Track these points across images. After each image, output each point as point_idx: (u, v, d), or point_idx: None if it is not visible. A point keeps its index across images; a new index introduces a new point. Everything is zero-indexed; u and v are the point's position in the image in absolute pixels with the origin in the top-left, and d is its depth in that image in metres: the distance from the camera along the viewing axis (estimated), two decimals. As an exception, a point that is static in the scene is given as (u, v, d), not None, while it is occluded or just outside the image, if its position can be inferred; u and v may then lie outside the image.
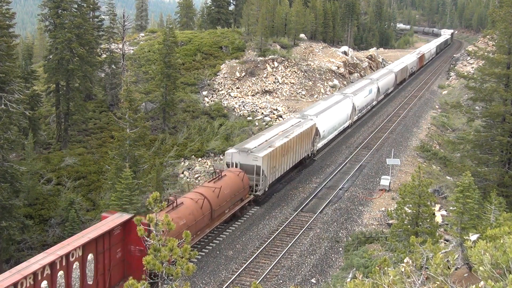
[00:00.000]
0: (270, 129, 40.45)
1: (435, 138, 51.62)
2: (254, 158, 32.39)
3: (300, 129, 38.94)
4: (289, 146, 36.54)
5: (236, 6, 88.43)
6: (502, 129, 32.76)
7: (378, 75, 66.74)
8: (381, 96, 64.67)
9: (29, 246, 32.84)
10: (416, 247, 13.08)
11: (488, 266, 8.99)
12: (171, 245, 10.55)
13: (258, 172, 32.69)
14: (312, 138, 41.37)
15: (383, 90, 64.39)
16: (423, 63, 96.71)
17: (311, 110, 45.45)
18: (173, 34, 51.41)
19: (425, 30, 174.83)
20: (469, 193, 19.27)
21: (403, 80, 78.65)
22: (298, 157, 38.93)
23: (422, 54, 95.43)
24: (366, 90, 56.56)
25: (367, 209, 33.80)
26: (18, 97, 31.87)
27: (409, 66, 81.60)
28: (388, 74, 68.12)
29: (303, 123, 41.11)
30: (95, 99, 52.84)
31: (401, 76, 75.70)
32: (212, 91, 58.78)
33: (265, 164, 32.78)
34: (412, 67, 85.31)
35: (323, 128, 43.55)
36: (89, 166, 40.83)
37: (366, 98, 56.57)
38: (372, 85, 59.58)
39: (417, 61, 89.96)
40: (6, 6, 33.39)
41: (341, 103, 49.13)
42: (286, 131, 38.30)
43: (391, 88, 69.79)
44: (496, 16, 34.95)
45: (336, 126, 47.57)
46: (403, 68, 77.14)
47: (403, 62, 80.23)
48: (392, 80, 69.31)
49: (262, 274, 25.31)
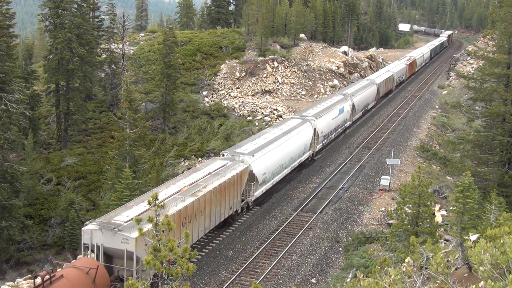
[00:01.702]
0: (175, 180, 27.78)
1: (435, 138, 51.61)
2: (124, 240, 20.82)
3: (222, 178, 27.50)
4: (198, 208, 25.01)
5: (236, 6, 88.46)
6: (502, 129, 32.75)
7: (355, 88, 55.53)
8: (358, 114, 54.33)
9: (29, 246, 32.85)
10: (416, 247, 13.08)
11: (488, 266, 8.99)
12: (171, 245, 10.56)
13: (131, 259, 20.88)
14: (242, 187, 29.92)
15: (360, 107, 54.12)
16: (414, 70, 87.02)
17: (247, 145, 33.30)
18: (173, 34, 51.46)
19: (426, 31, 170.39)
20: (469, 193, 19.28)
21: (389, 91, 69.16)
22: (218, 219, 27.71)
23: (412, 60, 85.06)
24: (335, 110, 45.53)
25: (367, 209, 33.80)
26: (18, 97, 31.90)
27: (396, 75, 71.47)
28: (369, 87, 57.67)
29: (230, 167, 29.30)
30: (95, 99, 52.85)
31: (385, 88, 65.84)
32: (212, 91, 58.80)
33: (141, 248, 20.23)
34: (400, 76, 75.13)
35: (262, 170, 31.90)
36: (89, 166, 40.84)
37: (336, 120, 45.81)
38: (345, 102, 48.78)
39: (407, 68, 79.65)
40: (6, 6, 33.42)
41: (297, 131, 37.87)
42: (197, 184, 26.46)
43: (372, 103, 59.62)
44: (496, 16, 34.97)
45: (287, 163, 35.93)
46: (388, 78, 66.75)
47: (388, 71, 69.77)
48: (373, 93, 59.10)
49: (262, 274, 25.30)
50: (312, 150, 41.15)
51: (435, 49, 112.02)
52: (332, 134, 45.88)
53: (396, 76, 71.20)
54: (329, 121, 44.08)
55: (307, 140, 39.54)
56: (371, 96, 58.37)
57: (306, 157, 40.00)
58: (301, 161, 38.93)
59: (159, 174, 38.79)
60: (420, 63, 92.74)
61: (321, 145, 42.92)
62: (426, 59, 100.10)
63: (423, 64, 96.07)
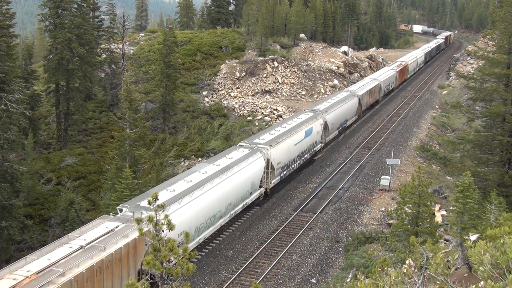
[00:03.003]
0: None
1: (435, 138, 51.62)
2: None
3: (102, 254, 19.01)
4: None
5: (236, 6, 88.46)
6: (502, 129, 32.74)
7: (330, 102, 47.37)
8: (333, 134, 46.54)
9: (29, 246, 32.81)
10: (416, 247, 13.08)
11: (488, 266, 8.99)
12: (171, 245, 10.56)
13: None
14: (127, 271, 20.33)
15: (335, 125, 46.28)
16: (405, 77, 79.62)
17: (163, 193, 24.36)
18: (173, 34, 51.44)
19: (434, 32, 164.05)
20: (469, 193, 19.30)
21: (375, 102, 62.35)
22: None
23: (404, 66, 77.53)
24: (299, 133, 37.54)
25: (367, 209, 33.80)
26: (18, 97, 31.87)
27: (383, 83, 63.98)
28: (347, 100, 49.86)
29: (117, 234, 20.53)
30: (95, 99, 52.85)
31: (369, 99, 58.37)
32: (212, 91, 58.79)
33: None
34: (388, 85, 67.65)
35: (183, 225, 23.11)
36: (89, 166, 40.83)
37: (300, 145, 37.84)
38: (314, 121, 40.72)
39: (397, 75, 72.13)
40: (6, 6, 33.38)
41: (241, 166, 29.86)
42: None
43: (352, 118, 52.12)
44: (496, 16, 34.93)
45: (222, 211, 27.85)
46: (374, 88, 59.51)
47: (374, 80, 62.60)
48: (353, 107, 51.42)
49: (262, 274, 25.31)
50: (266, 186, 33.21)
51: (430, 52, 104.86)
52: (296, 163, 37.70)
53: (383, 85, 64.12)
54: (290, 148, 36.02)
55: (255, 176, 31.02)
56: (350, 110, 50.72)
57: (256, 197, 32.28)
58: (246, 204, 30.90)
59: (159, 174, 38.80)
60: (413, 68, 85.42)
61: (278, 179, 34.81)
62: (421, 64, 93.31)
63: (416, 69, 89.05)
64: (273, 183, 34.22)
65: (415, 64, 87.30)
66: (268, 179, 33.36)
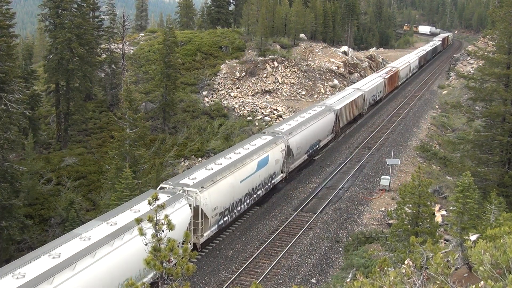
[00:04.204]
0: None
1: (435, 138, 51.62)
2: None
3: None
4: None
5: (236, 6, 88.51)
6: (502, 129, 32.76)
7: (297, 121, 39.40)
8: (299, 159, 38.49)
9: (29, 246, 32.80)
10: (416, 247, 13.08)
11: (488, 266, 8.99)
12: (171, 245, 10.56)
13: None
14: None
15: (303, 148, 38.47)
16: (396, 84, 72.32)
17: None
18: (173, 34, 51.47)
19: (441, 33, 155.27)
20: (469, 193, 19.29)
21: (358, 115, 54.74)
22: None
23: (394, 72, 69.67)
24: (249, 166, 30.12)
25: (367, 209, 33.80)
26: (18, 97, 31.87)
27: (368, 94, 56.61)
28: (321, 116, 42.01)
29: None
30: (95, 99, 52.86)
31: (350, 114, 50.39)
32: (212, 91, 58.81)
33: None
34: (374, 95, 59.91)
35: None
36: (89, 166, 40.84)
37: (251, 180, 30.46)
38: (272, 148, 33.24)
39: (385, 83, 64.04)
40: (6, 6, 33.39)
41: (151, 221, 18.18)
42: None
43: (326, 138, 44.22)
44: (496, 16, 34.94)
45: None
46: (355, 100, 51.51)
47: (358, 90, 54.78)
48: (327, 124, 43.51)
49: (262, 274, 25.31)
50: (196, 240, 26.07)
51: (425, 56, 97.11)
52: (242, 205, 30.10)
53: (368, 95, 56.77)
54: (235, 186, 28.65)
55: (181, 226, 22.67)
56: (324, 128, 42.76)
57: None
58: None
59: (159, 174, 38.79)
60: (405, 74, 78.19)
61: (215, 229, 27.38)
62: (414, 69, 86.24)
63: (409, 75, 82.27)
64: (207, 236, 26.74)
65: (408, 69, 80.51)
66: (199, 232, 26.04)
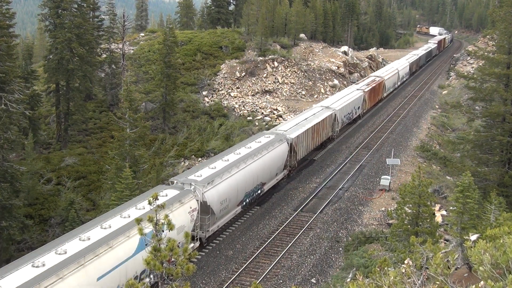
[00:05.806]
0: None
1: (435, 138, 51.62)
2: None
3: None
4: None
5: (236, 6, 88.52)
6: (502, 129, 32.76)
7: (227, 162, 29.66)
8: (230, 214, 29.43)
9: (29, 246, 32.80)
10: (416, 247, 13.09)
11: (488, 266, 8.99)
12: (171, 245, 10.55)
13: None
14: None
15: (231, 202, 28.94)
16: (380, 96, 62.55)
17: None
18: (173, 34, 51.48)
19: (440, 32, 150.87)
20: (469, 193, 19.30)
21: (327, 139, 45.31)
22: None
23: (377, 83, 59.87)
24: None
25: (367, 209, 33.80)
26: (18, 97, 31.87)
27: (340, 113, 46.68)
28: (270, 148, 33.68)
29: None
30: (95, 99, 52.86)
31: (313, 140, 40.98)
32: (212, 91, 58.81)
33: None
34: (349, 112, 50.29)
35: None
36: (89, 166, 40.84)
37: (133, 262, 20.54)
38: (180, 206, 24.04)
39: (365, 96, 54.64)
40: (6, 6, 33.38)
41: None
42: None
43: (275, 178, 34.98)
44: (496, 16, 34.96)
45: None
46: (321, 122, 42.11)
47: (327, 108, 45.23)
48: (278, 158, 34.62)
49: (262, 274, 25.31)
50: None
51: (417, 61, 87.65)
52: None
53: (341, 114, 47.02)
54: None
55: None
56: (271, 166, 33.70)
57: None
58: None
59: (159, 174, 38.80)
60: (392, 84, 67.64)
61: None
62: (404, 77, 75.56)
63: (397, 84, 71.52)
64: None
65: (395, 78, 69.56)
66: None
